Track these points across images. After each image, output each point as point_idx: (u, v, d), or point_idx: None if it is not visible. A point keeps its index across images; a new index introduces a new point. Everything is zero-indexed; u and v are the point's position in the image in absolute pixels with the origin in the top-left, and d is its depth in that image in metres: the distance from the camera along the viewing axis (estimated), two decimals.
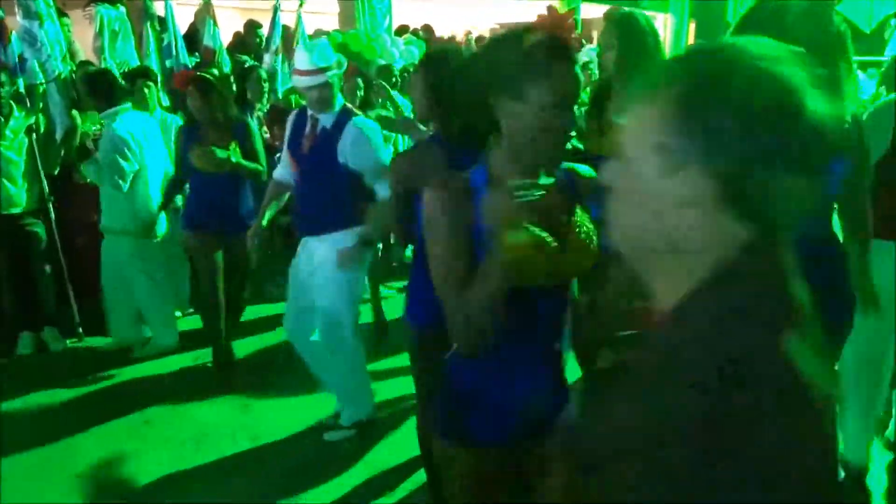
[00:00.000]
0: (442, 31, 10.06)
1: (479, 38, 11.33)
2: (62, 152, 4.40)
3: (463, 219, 1.42)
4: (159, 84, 5.02)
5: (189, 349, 4.51)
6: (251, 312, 5.01)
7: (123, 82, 5.26)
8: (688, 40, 13.85)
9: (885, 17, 12.12)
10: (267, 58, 6.01)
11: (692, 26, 13.94)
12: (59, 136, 4.41)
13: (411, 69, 6.28)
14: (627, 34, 2.75)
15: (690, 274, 0.80)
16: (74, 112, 4.48)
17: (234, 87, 5.29)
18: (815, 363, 0.77)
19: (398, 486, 3.07)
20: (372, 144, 3.08)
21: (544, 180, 1.41)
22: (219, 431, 3.55)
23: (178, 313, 5.07)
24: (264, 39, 6.29)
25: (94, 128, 4.45)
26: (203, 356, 4.33)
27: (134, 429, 3.57)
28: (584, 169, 1.60)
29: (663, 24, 14.46)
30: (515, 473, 1.60)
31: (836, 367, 2.77)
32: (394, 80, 5.96)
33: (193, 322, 5.01)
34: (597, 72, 5.65)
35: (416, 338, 2.43)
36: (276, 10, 5.98)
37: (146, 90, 4.74)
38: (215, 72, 4.77)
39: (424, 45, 7.52)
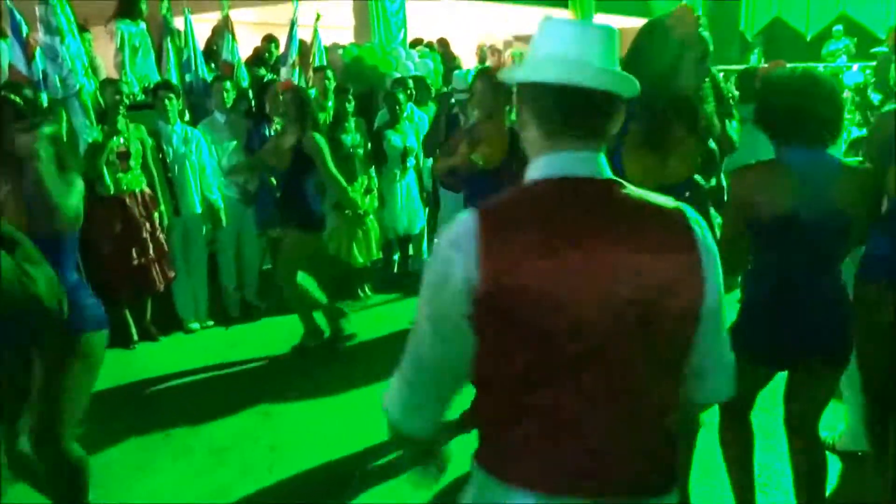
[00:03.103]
0: (456, 44, 10.11)
1: (493, 50, 11.40)
2: (86, 165, 4.46)
3: None
4: (181, 97, 5.08)
5: (208, 361, 4.55)
6: (269, 321, 5.05)
7: (145, 96, 5.38)
8: (629, 82, 13.79)
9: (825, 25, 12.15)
10: (284, 71, 6.07)
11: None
12: (82, 149, 4.47)
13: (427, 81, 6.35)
14: None
15: None
16: (98, 126, 4.55)
17: (253, 101, 5.35)
18: None
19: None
20: None
21: None
22: (239, 442, 3.57)
23: (196, 325, 5.13)
24: (281, 53, 6.36)
25: (120, 141, 4.50)
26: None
27: (154, 440, 3.60)
28: None
29: None
30: None
31: None
32: (409, 91, 6.00)
33: (214, 334, 5.06)
34: None
35: None
36: (293, 24, 6.05)
37: (167, 102, 4.81)
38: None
39: (440, 57, 7.56)
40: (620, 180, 1.28)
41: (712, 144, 2.75)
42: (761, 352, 2.31)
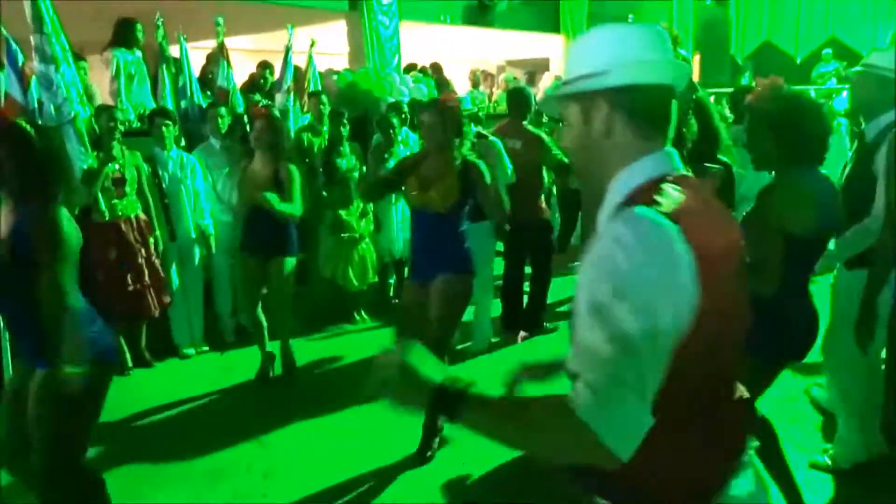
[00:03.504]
0: (450, 69, 10.21)
1: (486, 75, 11.50)
2: (81, 191, 4.46)
3: None
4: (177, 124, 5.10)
5: (202, 387, 4.53)
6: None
7: (140, 123, 5.40)
8: (692, 73, 14.01)
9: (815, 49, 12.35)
10: (279, 97, 6.11)
11: (696, 59, 14.10)
12: (78, 175, 4.47)
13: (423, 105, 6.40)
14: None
15: None
16: (94, 153, 4.56)
17: (248, 127, 5.37)
18: None
19: None
20: None
21: None
22: (233, 467, 3.54)
23: (191, 350, 5.11)
24: (276, 79, 6.40)
25: (115, 167, 4.52)
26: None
27: (149, 464, 3.56)
28: None
29: None
30: None
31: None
32: (403, 116, 6.04)
33: (209, 360, 5.04)
34: None
35: None
36: (287, 50, 6.10)
37: (164, 129, 4.84)
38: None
39: (434, 82, 7.62)
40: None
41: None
42: (781, 348, 2.48)
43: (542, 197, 5.43)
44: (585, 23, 11.51)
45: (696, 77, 13.88)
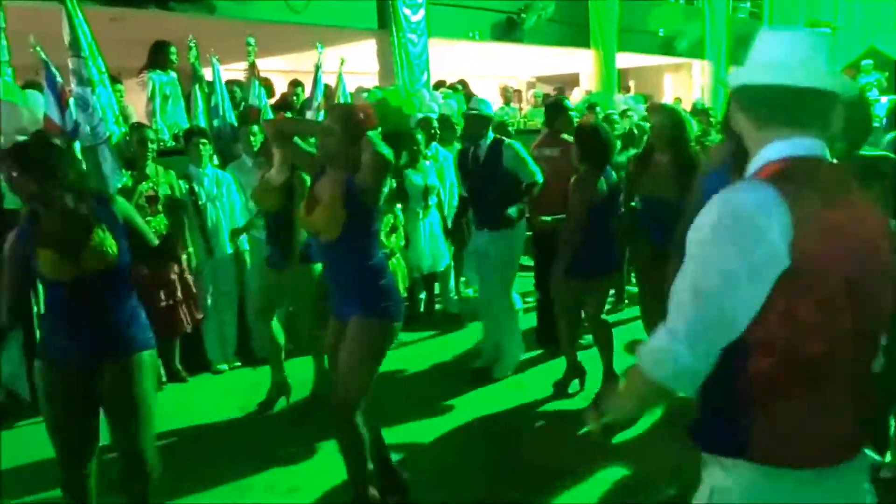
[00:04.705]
0: (478, 85, 10.24)
1: (516, 92, 11.51)
2: None
3: None
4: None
5: (235, 402, 4.54)
6: (294, 362, 5.00)
7: (174, 142, 5.50)
8: (727, 86, 13.84)
9: (854, 59, 12.07)
10: (309, 115, 6.18)
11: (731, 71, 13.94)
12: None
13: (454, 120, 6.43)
14: (673, 120, 4.14)
15: None
16: (126, 172, 4.66)
17: None
18: None
19: None
20: None
21: None
22: (260, 482, 3.54)
23: (224, 366, 5.14)
24: (306, 97, 6.48)
25: (148, 185, 4.60)
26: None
27: (180, 476, 3.56)
28: None
29: (701, 70, 14.48)
30: None
31: None
32: (433, 131, 6.07)
33: (241, 375, 5.06)
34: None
35: None
36: (317, 68, 6.18)
37: (200, 147, 4.92)
38: None
39: (463, 97, 7.66)
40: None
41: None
42: None
43: None
44: (616, 38, 11.45)
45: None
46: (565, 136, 5.15)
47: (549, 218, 4.70)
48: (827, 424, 1.34)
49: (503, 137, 4.89)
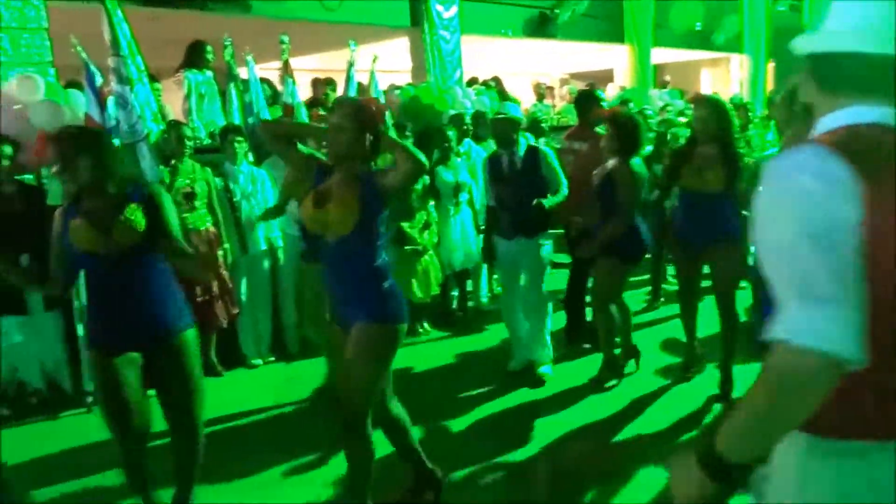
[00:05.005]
0: (511, 82, 10.20)
1: (549, 89, 11.43)
2: None
3: None
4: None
5: (269, 397, 4.58)
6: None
7: (211, 140, 5.58)
8: (766, 81, 13.58)
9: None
10: None
11: (771, 66, 13.66)
12: None
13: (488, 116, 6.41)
14: (718, 112, 4.13)
15: None
16: (165, 168, 4.73)
17: None
18: None
19: None
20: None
21: None
22: (294, 476, 3.57)
23: (259, 361, 5.21)
24: (339, 95, 6.52)
25: (185, 182, 4.68)
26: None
27: (213, 470, 3.60)
28: None
29: (739, 65, 14.23)
30: None
31: None
32: (465, 128, 6.06)
33: (275, 370, 5.10)
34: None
35: None
36: (350, 65, 6.22)
37: (236, 144, 4.99)
38: None
39: (496, 93, 7.64)
40: None
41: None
42: None
43: None
44: (651, 32, 11.31)
45: (770, 84, 13.46)
46: (597, 129, 5.10)
47: (579, 218, 4.69)
48: None
49: (537, 145, 4.83)
